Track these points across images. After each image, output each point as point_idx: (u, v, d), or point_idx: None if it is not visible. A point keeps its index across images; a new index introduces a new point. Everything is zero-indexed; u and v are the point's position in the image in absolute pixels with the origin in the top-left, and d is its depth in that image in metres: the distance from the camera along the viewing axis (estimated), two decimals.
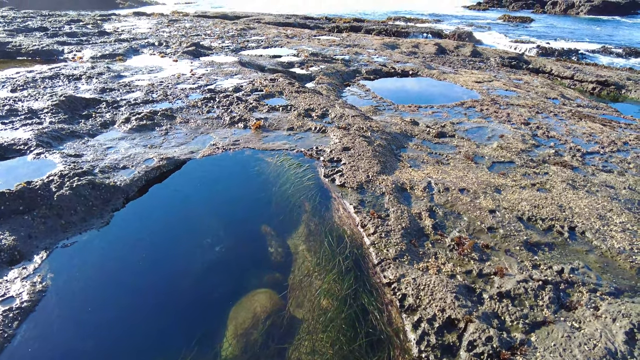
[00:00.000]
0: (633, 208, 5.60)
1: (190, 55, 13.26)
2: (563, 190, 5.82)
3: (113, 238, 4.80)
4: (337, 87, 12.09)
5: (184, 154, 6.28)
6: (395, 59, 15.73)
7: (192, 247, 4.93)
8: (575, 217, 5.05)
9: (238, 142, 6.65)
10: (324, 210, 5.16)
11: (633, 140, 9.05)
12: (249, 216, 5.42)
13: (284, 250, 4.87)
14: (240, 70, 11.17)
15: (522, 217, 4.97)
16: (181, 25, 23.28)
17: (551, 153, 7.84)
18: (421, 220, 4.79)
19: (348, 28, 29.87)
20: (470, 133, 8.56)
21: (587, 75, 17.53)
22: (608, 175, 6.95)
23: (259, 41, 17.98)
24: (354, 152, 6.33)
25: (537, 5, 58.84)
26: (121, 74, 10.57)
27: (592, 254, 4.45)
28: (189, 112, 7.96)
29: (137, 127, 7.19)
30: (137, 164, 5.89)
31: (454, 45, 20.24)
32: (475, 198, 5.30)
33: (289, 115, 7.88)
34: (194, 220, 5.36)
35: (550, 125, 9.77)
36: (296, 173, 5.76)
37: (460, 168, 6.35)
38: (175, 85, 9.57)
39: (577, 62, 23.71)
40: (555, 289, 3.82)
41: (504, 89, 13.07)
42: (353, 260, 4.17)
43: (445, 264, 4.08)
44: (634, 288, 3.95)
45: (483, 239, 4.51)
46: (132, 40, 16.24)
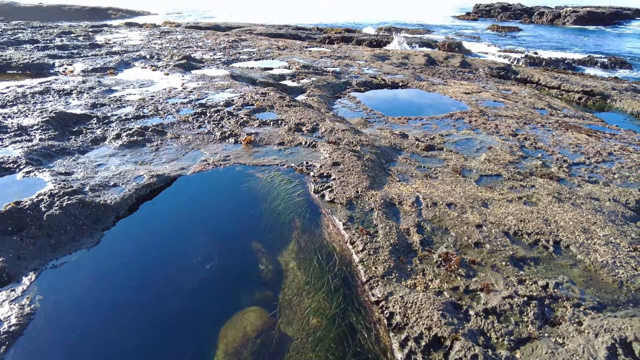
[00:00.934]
0: (616, 220, 5.72)
1: (182, 69, 13.33)
2: (549, 204, 5.94)
3: (103, 258, 4.80)
4: (328, 99, 12.21)
5: (175, 171, 6.31)
6: (385, 70, 15.93)
7: (182, 266, 4.94)
8: (560, 230, 5.15)
9: (229, 158, 6.70)
10: (314, 226, 5.21)
11: (617, 151, 9.24)
12: (239, 233, 5.45)
13: (275, 267, 4.90)
14: (232, 84, 11.25)
15: (509, 232, 5.06)
16: (173, 37, 23.38)
17: (538, 164, 7.98)
18: (409, 236, 4.86)
19: (339, 39, 30.18)
20: (458, 145, 8.69)
21: (573, 85, 17.85)
22: (593, 186, 7.09)
23: (251, 53, 18.12)
24: (344, 167, 6.41)
25: (524, 15, 59.97)
26: (112, 88, 10.59)
27: (576, 268, 4.54)
28: (179, 127, 8.01)
29: (127, 143, 7.21)
30: (127, 182, 5.91)
31: (443, 56, 20.55)
32: (462, 213, 5.38)
33: (280, 130, 7.96)
34: (184, 238, 5.37)
35: (538, 136, 9.94)
36: (286, 189, 5.82)
37: (448, 182, 6.44)
38: (166, 100, 9.61)
39: (564, 71, 24.16)
40: (540, 304, 3.89)
41: (493, 99, 13.28)
42: (342, 278, 4.22)
43: (433, 281, 4.14)
44: (616, 302, 4.04)
45: (470, 255, 4.58)
46: (124, 53, 16.28)
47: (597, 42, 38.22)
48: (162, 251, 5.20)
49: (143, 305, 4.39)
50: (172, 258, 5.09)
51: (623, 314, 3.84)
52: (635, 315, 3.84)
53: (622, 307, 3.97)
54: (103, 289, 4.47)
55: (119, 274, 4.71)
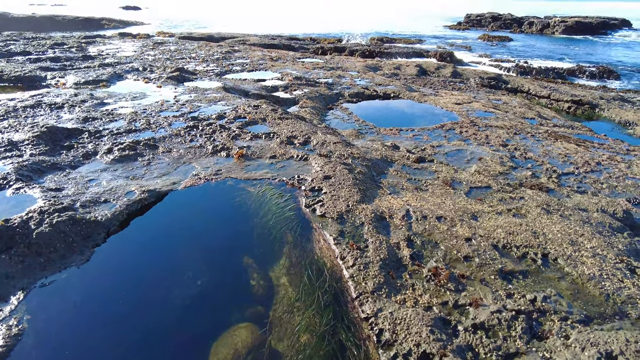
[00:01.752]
0: (604, 231, 5.80)
1: (174, 81, 13.38)
2: (537, 216, 6.01)
3: (93, 275, 4.79)
4: (320, 110, 12.30)
5: (166, 186, 6.31)
6: (377, 81, 16.09)
7: (173, 282, 4.93)
8: (548, 243, 5.21)
9: (220, 172, 6.73)
10: (305, 241, 5.24)
11: (605, 161, 9.38)
12: (230, 248, 5.46)
13: (266, 282, 4.91)
14: (224, 97, 11.31)
15: (498, 245, 5.11)
16: (166, 48, 23.47)
17: (528, 175, 8.08)
18: (399, 251, 4.90)
19: (332, 49, 30.44)
20: (449, 156, 8.78)
21: (562, 95, 18.12)
22: (582, 197, 7.18)
23: (244, 64, 18.23)
24: (335, 181, 6.46)
25: (514, 25, 60.89)
26: (104, 102, 10.60)
27: (563, 280, 4.60)
28: (171, 141, 8.03)
29: (119, 158, 7.21)
30: (118, 197, 5.91)
31: (434, 66, 20.79)
32: (452, 226, 5.44)
33: (272, 143, 8.01)
34: (175, 253, 5.37)
35: (528, 146, 10.06)
36: (278, 203, 5.84)
37: (438, 194, 6.51)
38: (158, 113, 9.63)
39: (554, 81, 24.52)
40: (527, 318, 3.93)
41: (483, 110, 13.44)
42: (332, 295, 4.24)
43: (422, 296, 4.17)
44: (602, 315, 4.09)
45: (459, 269, 4.62)
46: (117, 65, 16.31)
47: (585, 51, 38.88)
48: (153, 267, 5.19)
49: (133, 323, 4.38)
50: (163, 274, 5.09)
51: (609, 327, 3.89)
52: (621, 329, 3.89)
53: (608, 320, 4.02)
54: (93, 307, 4.45)
55: (109, 291, 4.69)
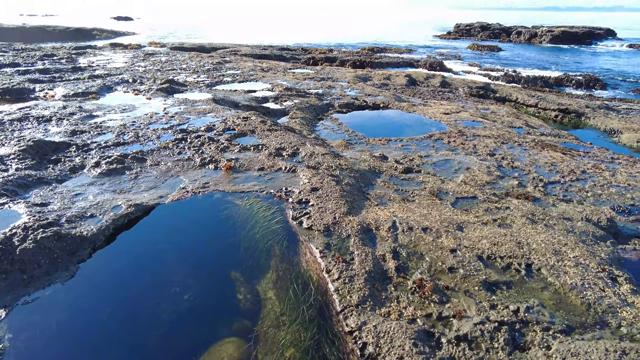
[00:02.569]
0: (587, 240, 5.89)
1: (164, 93, 13.40)
2: (522, 225, 6.09)
3: (78, 291, 4.75)
4: (310, 121, 12.38)
5: (153, 199, 6.31)
6: (367, 92, 16.24)
7: (160, 297, 4.91)
8: (532, 253, 5.28)
9: (208, 185, 6.74)
10: (292, 254, 5.25)
11: (590, 169, 9.53)
12: (218, 262, 5.45)
13: (253, 296, 4.91)
14: (214, 108, 11.35)
15: (482, 256, 5.17)
16: (157, 59, 23.52)
17: (515, 184, 8.19)
18: (385, 263, 4.93)
19: (323, 59, 30.70)
20: (437, 166, 8.88)
21: (549, 104, 18.40)
22: (567, 205, 7.29)
23: (235, 75, 18.32)
24: (322, 193, 6.49)
25: (503, 34, 61.93)
26: (93, 114, 10.59)
27: (546, 291, 4.66)
28: (160, 154, 8.03)
29: (107, 172, 7.19)
30: (105, 212, 5.89)
31: (424, 76, 21.05)
32: (437, 237, 5.49)
33: (260, 155, 8.04)
34: (162, 268, 5.35)
35: (515, 155, 10.19)
36: (265, 216, 5.86)
37: (424, 205, 6.57)
38: (147, 126, 9.64)
39: (542, 89, 24.91)
40: (510, 329, 3.98)
41: (471, 119, 13.61)
42: (317, 309, 4.25)
43: (407, 308, 4.20)
44: (584, 324, 4.15)
45: (444, 280, 4.66)
46: (107, 77, 16.31)
47: (572, 60, 39.60)
48: (139, 282, 5.16)
49: (119, 339, 4.35)
50: (149, 289, 5.06)
51: (590, 337, 3.95)
52: (602, 338, 3.95)
53: (589, 330, 4.08)
54: (77, 325, 4.41)
55: (94, 307, 4.66)
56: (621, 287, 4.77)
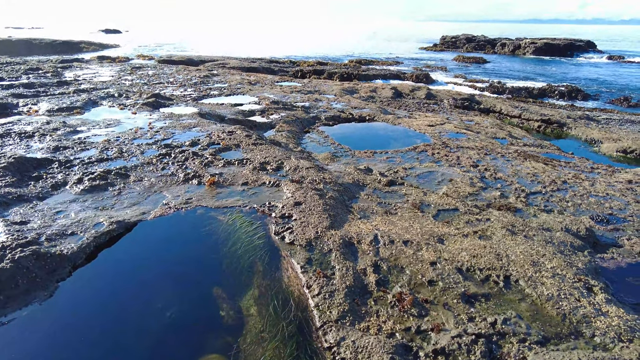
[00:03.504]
0: (565, 250, 6.01)
1: (150, 107, 13.40)
2: (502, 237, 6.19)
3: (56, 311, 4.70)
4: (297, 134, 12.47)
5: (135, 216, 6.29)
6: (353, 104, 16.43)
7: (142, 315, 4.88)
8: (510, 265, 5.37)
9: (191, 201, 6.74)
10: (274, 270, 5.27)
11: (571, 179, 9.72)
12: (200, 279, 5.44)
13: (235, 312, 4.90)
14: (199, 122, 11.39)
15: (462, 268, 5.24)
16: (144, 72, 23.52)
17: (497, 195, 8.32)
18: (366, 277, 4.98)
19: (311, 72, 30.97)
20: (421, 178, 8.99)
21: (532, 114, 18.78)
22: (548, 216, 7.42)
23: (222, 89, 18.40)
24: (305, 207, 6.54)
25: (488, 46, 63.22)
26: (77, 129, 10.54)
27: (524, 302, 4.74)
28: (143, 169, 8.02)
29: (89, 188, 7.16)
30: (86, 229, 5.85)
31: (409, 88, 21.37)
32: (418, 250, 5.56)
33: (244, 170, 8.08)
34: (143, 285, 5.32)
35: (498, 166, 10.35)
36: (247, 232, 5.88)
37: (407, 218, 6.65)
38: (132, 141, 9.63)
39: (525, 100, 25.42)
40: (487, 341, 4.03)
41: (455, 131, 13.83)
42: (297, 325, 4.27)
43: (386, 322, 4.24)
44: (559, 335, 4.22)
45: (423, 293, 4.72)
46: (92, 91, 16.26)
47: (555, 71, 40.54)
48: (120, 299, 5.12)
49: (100, 357, 4.30)
50: (131, 306, 5.02)
51: (565, 347, 4.02)
52: (576, 348, 4.02)
53: (564, 340, 4.15)
54: (56, 344, 4.35)
55: (74, 326, 4.61)
56: (596, 297, 4.87)
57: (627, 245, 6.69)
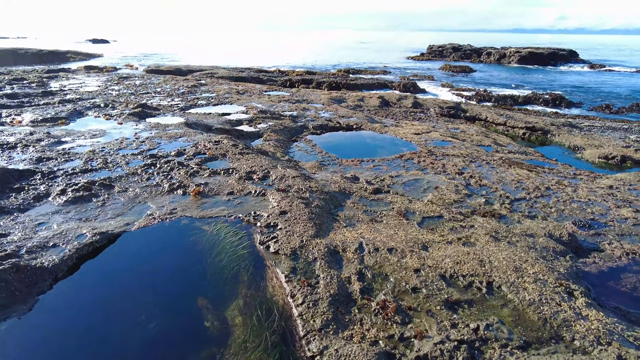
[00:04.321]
0: (547, 256, 6.10)
1: (136, 117, 13.34)
2: (486, 243, 6.26)
3: (35, 325, 4.62)
4: (284, 143, 12.50)
5: (119, 227, 6.23)
6: (340, 113, 16.55)
7: (125, 326, 4.82)
8: (493, 271, 5.43)
9: (175, 211, 6.71)
10: (258, 279, 5.25)
11: (554, 185, 9.88)
12: (184, 289, 5.39)
13: (220, 323, 4.87)
14: (186, 132, 11.36)
15: (445, 275, 5.29)
16: (131, 82, 23.42)
17: (482, 202, 8.41)
18: (350, 285, 4.99)
19: (300, 81, 31.15)
20: (407, 186, 9.06)
21: (517, 122, 19.08)
22: (532, 222, 7.53)
23: (209, 98, 18.39)
24: (291, 216, 6.55)
25: (474, 55, 64.28)
26: (62, 140, 10.44)
27: (506, 308, 4.79)
28: (128, 180, 7.96)
29: (72, 199, 7.08)
30: (68, 241, 5.78)
31: (396, 97, 21.60)
32: (402, 257, 5.59)
33: (230, 179, 8.07)
34: (126, 297, 5.26)
35: (483, 173, 10.48)
36: (232, 241, 5.86)
37: (392, 225, 6.69)
38: (117, 152, 9.56)
39: (510, 108, 25.86)
40: (470, 347, 4.06)
41: (441, 139, 14.00)
42: (280, 334, 4.26)
43: (370, 330, 4.25)
44: (540, 339, 4.27)
45: (407, 301, 4.74)
46: (78, 101, 16.13)
47: (539, 79, 41.35)
48: (103, 312, 5.05)
49: None
50: (114, 319, 4.96)
51: (545, 352, 4.07)
52: (556, 352, 4.07)
53: (545, 344, 4.20)
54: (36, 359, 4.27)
55: (53, 341, 4.53)
56: (577, 301, 4.94)
57: (609, 250, 6.81)
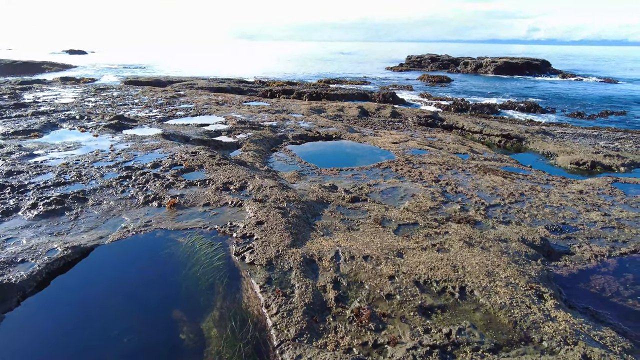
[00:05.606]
0: (520, 260, 6.24)
1: (113, 129, 13.16)
2: (460, 249, 6.37)
3: (2, 344, 4.47)
4: (264, 153, 12.51)
5: (92, 240, 6.12)
6: (320, 123, 16.67)
7: (97, 342, 4.71)
8: (466, 276, 5.53)
9: (150, 223, 6.63)
10: (234, 290, 5.22)
11: (528, 191, 10.14)
12: (159, 303, 5.31)
13: (195, 335, 4.81)
14: (163, 144, 11.26)
15: (419, 281, 5.36)
16: (109, 94, 23.11)
17: (457, 209, 8.57)
18: (325, 293, 5.01)
19: (281, 92, 31.27)
20: (384, 194, 9.17)
21: (493, 130, 19.54)
22: (506, 227, 7.70)
23: (188, 109, 18.29)
24: (267, 226, 6.55)
25: (451, 65, 65.76)
26: (34, 153, 10.21)
27: (478, 312, 4.88)
28: (102, 193, 7.83)
29: (44, 213, 6.92)
30: (38, 256, 5.64)
31: (375, 107, 21.90)
32: (377, 264, 5.65)
33: (207, 190, 8.03)
34: (99, 311, 5.15)
35: (459, 180, 10.68)
36: (207, 253, 5.82)
37: (368, 233, 6.76)
38: (92, 164, 9.40)
39: (487, 116, 26.49)
40: (441, 352, 4.12)
41: (418, 148, 14.23)
42: (254, 345, 4.24)
43: (344, 338, 4.27)
44: (510, 342, 4.37)
45: (381, 307, 4.79)
46: (52, 113, 15.82)
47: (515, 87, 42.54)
48: (74, 327, 4.93)
49: None
50: (86, 333, 4.84)
51: (515, 353, 4.16)
52: (525, 353, 4.17)
53: (515, 346, 4.30)
54: None
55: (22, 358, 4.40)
56: (546, 303, 5.08)
57: (579, 253, 7.02)
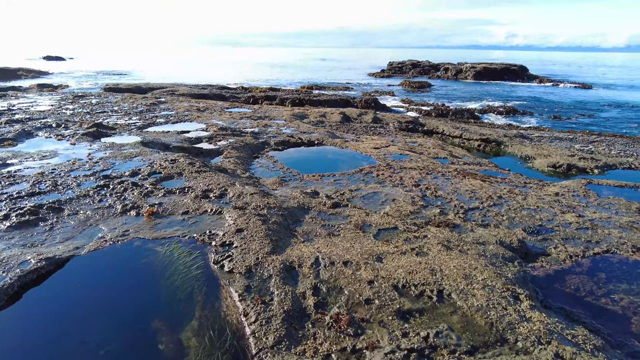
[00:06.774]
0: (497, 262, 6.36)
1: (91, 137, 12.93)
2: (438, 253, 6.46)
3: None
4: (245, 160, 12.47)
5: (68, 251, 5.99)
6: (302, 129, 16.72)
7: (73, 356, 4.61)
8: (444, 279, 5.61)
9: (128, 233, 6.53)
10: (213, 299, 5.18)
11: (506, 194, 10.35)
12: (136, 313, 5.23)
13: (175, 345, 4.75)
14: (142, 152, 11.12)
15: (398, 285, 5.41)
16: (87, 101, 22.72)
17: (437, 212, 8.68)
18: (305, 300, 5.01)
19: (263, 98, 31.25)
20: (366, 199, 9.24)
21: (472, 134, 19.91)
22: (484, 230, 7.84)
23: (168, 116, 18.12)
24: (247, 234, 6.53)
25: (432, 71, 66.90)
26: (7, 162, 9.96)
27: (455, 314, 4.95)
28: (79, 202, 7.68)
29: (17, 224, 6.75)
30: (9, 269, 5.49)
31: (357, 113, 22.09)
32: (357, 270, 5.69)
33: (186, 198, 7.96)
34: (75, 324, 5.03)
35: (438, 185, 10.84)
36: (185, 262, 5.77)
37: (348, 238, 6.80)
38: (68, 173, 9.21)
39: (466, 121, 27.00)
40: (419, 355, 4.17)
41: (399, 153, 14.40)
42: (232, 354, 4.21)
43: (323, 344, 4.28)
44: (486, 343, 4.44)
45: (360, 312, 4.82)
46: (28, 121, 15.46)
47: (494, 92, 43.49)
48: (49, 340, 4.81)
49: None
50: (61, 347, 4.73)
51: (491, 354, 4.24)
52: (501, 354, 4.25)
53: (491, 348, 4.38)
54: None
55: None
56: (522, 304, 5.18)
57: (554, 254, 7.19)
